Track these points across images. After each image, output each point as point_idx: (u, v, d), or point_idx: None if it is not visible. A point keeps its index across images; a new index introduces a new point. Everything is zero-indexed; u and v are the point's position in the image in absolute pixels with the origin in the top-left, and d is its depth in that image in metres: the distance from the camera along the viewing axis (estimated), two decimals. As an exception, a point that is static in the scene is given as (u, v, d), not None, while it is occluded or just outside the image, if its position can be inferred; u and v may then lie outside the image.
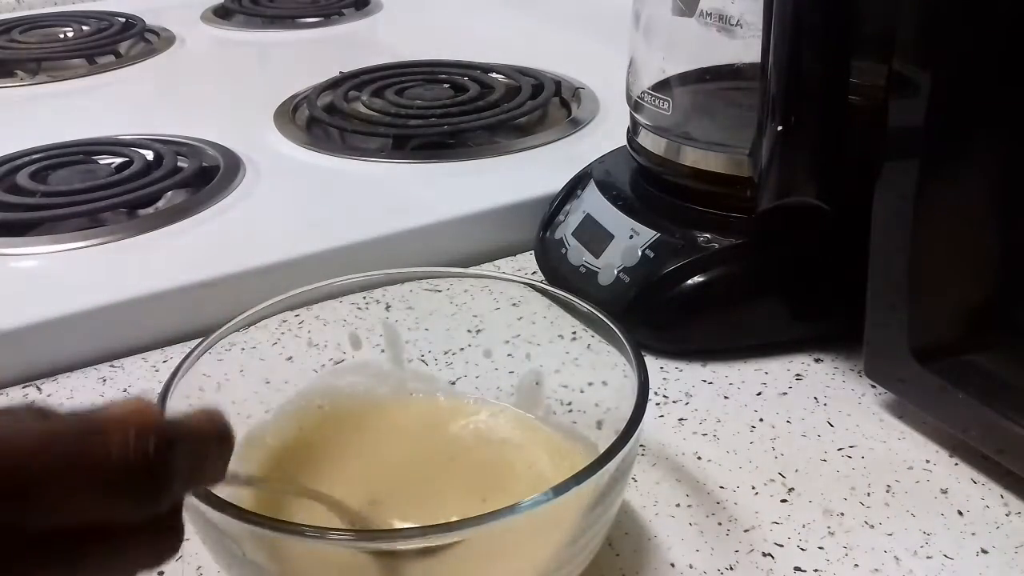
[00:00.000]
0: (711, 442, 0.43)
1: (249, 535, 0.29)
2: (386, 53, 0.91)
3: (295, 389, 0.40)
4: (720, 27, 0.48)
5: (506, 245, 0.59)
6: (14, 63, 0.93)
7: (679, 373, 0.47)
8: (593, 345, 0.38)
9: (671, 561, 0.36)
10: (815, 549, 0.37)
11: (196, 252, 0.55)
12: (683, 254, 0.48)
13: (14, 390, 0.48)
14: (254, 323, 0.38)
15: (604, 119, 0.73)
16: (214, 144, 0.69)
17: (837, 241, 0.45)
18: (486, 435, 0.40)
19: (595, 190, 0.54)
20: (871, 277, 0.41)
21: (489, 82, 0.80)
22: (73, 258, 0.55)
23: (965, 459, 0.41)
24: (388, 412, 0.41)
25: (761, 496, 0.40)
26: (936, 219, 0.39)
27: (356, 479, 0.37)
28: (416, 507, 0.35)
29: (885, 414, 0.44)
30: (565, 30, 0.98)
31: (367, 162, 0.67)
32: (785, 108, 0.41)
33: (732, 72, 0.50)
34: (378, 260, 0.55)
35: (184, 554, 0.37)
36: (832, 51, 0.41)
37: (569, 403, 0.40)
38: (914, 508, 0.39)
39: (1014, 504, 0.39)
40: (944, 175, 0.38)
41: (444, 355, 0.42)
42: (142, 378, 0.49)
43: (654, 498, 0.40)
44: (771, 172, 0.43)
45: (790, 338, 0.49)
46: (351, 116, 0.74)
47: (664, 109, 0.50)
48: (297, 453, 0.38)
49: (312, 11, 1.09)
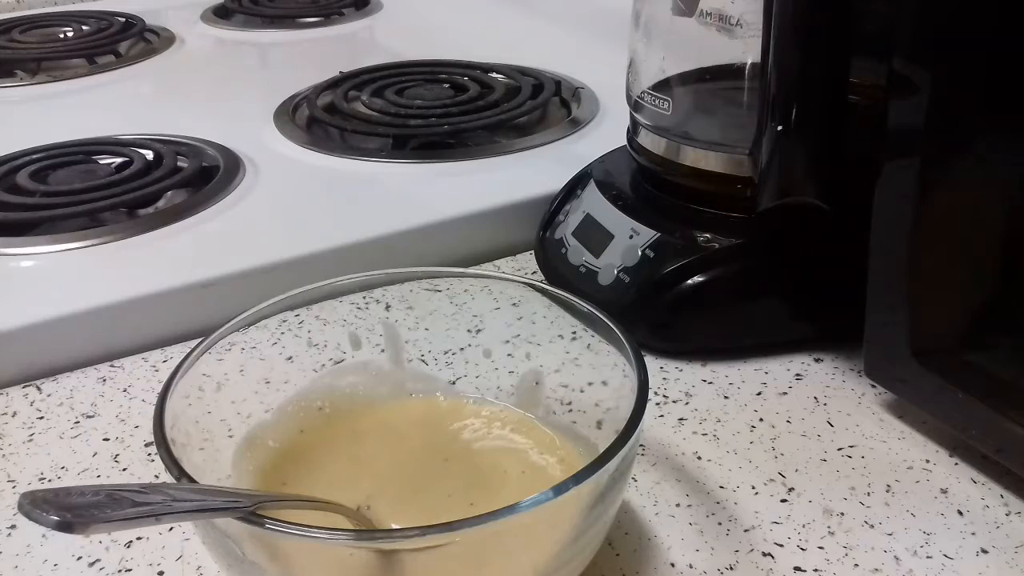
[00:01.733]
0: (711, 442, 0.43)
1: (249, 535, 0.29)
2: (386, 53, 0.91)
3: (295, 389, 0.40)
4: (720, 27, 0.48)
5: (506, 245, 0.59)
6: (14, 63, 0.93)
7: (679, 373, 0.47)
8: (593, 345, 0.38)
9: (671, 561, 0.36)
10: (815, 549, 0.37)
11: (196, 252, 0.55)
12: (683, 254, 0.48)
13: (14, 390, 0.48)
14: (254, 323, 0.38)
15: (604, 119, 0.73)
16: (214, 144, 0.69)
17: (837, 241, 0.45)
18: (485, 436, 0.40)
19: (595, 190, 0.54)
20: (871, 277, 0.41)
21: (489, 82, 0.80)
22: (73, 258, 0.55)
23: (965, 459, 0.41)
24: (387, 412, 0.41)
25: (761, 496, 0.40)
26: (936, 219, 0.39)
27: (353, 479, 0.37)
28: (407, 508, 0.35)
29: (885, 414, 0.44)
30: (565, 30, 0.98)
31: (367, 162, 0.67)
32: (785, 108, 0.41)
33: (732, 72, 0.50)
34: (378, 260, 0.55)
35: (184, 554, 0.37)
36: (832, 51, 0.41)
37: (569, 403, 0.40)
38: (914, 508, 0.39)
39: (1014, 504, 0.39)
40: (944, 175, 0.38)
41: (444, 355, 0.42)
42: (142, 378, 0.49)
43: (654, 498, 0.40)
44: (771, 172, 0.43)
45: (790, 338, 0.49)
46: (351, 116, 0.74)
47: (664, 109, 0.50)
48: (296, 453, 0.38)
49: (312, 11, 1.09)
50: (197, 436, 0.35)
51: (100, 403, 0.47)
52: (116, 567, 0.37)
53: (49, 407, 0.47)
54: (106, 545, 0.38)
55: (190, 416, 0.35)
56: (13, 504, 0.40)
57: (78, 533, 0.25)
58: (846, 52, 0.41)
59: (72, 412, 0.46)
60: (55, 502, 0.24)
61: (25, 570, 0.37)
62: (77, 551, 0.38)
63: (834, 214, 0.43)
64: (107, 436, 0.45)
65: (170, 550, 0.38)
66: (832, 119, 0.42)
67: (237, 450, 0.37)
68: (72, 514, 0.24)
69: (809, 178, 0.43)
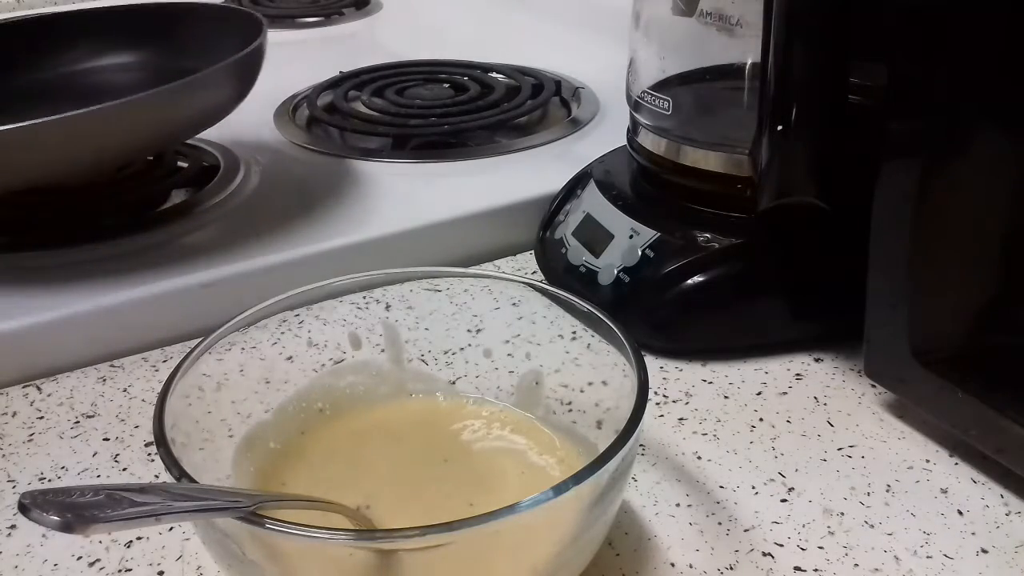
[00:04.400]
0: (711, 442, 0.43)
1: (249, 535, 0.29)
2: (386, 53, 0.91)
3: (295, 389, 0.40)
4: (720, 27, 0.48)
5: (506, 245, 0.59)
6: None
7: (679, 373, 0.47)
8: (593, 345, 0.38)
9: (671, 561, 0.36)
10: (815, 549, 0.37)
11: (196, 252, 0.55)
12: (683, 254, 0.48)
13: (14, 390, 0.48)
14: (254, 323, 0.38)
15: (604, 119, 0.73)
16: (214, 144, 0.69)
17: (837, 241, 0.45)
18: (485, 436, 0.40)
19: (595, 190, 0.54)
20: (871, 277, 0.41)
21: (489, 82, 0.80)
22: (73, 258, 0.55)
23: (965, 459, 0.41)
24: (387, 412, 0.41)
25: (761, 496, 0.40)
26: (936, 219, 0.39)
27: (353, 480, 0.37)
28: (407, 509, 0.35)
29: (885, 414, 0.44)
30: (565, 30, 0.98)
31: (367, 162, 0.67)
32: (785, 108, 0.41)
33: (732, 72, 0.50)
34: (378, 260, 0.55)
35: (184, 554, 0.37)
36: (832, 51, 0.41)
37: (569, 403, 0.40)
38: (914, 508, 0.39)
39: (1014, 504, 0.39)
40: (944, 175, 0.38)
41: (444, 355, 0.42)
42: (142, 378, 0.49)
43: (654, 498, 0.40)
44: (771, 172, 0.43)
45: (790, 338, 0.49)
46: (351, 116, 0.74)
47: (664, 109, 0.50)
48: (296, 454, 0.38)
49: (312, 11, 1.09)
50: (197, 436, 0.35)
51: (100, 403, 0.47)
52: (116, 567, 0.37)
53: (49, 407, 0.47)
54: (106, 545, 0.38)
55: (190, 416, 0.35)
56: (13, 504, 0.40)
57: (78, 533, 0.25)
58: (846, 52, 0.41)
59: (72, 412, 0.46)
60: (55, 502, 0.24)
61: (25, 570, 0.37)
62: (77, 551, 0.38)
63: (834, 214, 0.43)
64: (107, 436, 0.45)
65: (170, 550, 0.38)
66: (832, 119, 0.42)
67: (237, 450, 0.37)
68: (72, 514, 0.24)
69: (809, 178, 0.43)
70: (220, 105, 0.56)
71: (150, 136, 0.54)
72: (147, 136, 0.53)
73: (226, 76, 0.54)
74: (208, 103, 0.55)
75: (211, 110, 0.56)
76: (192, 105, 0.54)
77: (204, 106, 0.55)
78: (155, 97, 0.51)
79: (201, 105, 0.54)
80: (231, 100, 0.57)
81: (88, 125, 0.49)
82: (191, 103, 0.54)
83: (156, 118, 0.52)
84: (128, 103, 0.49)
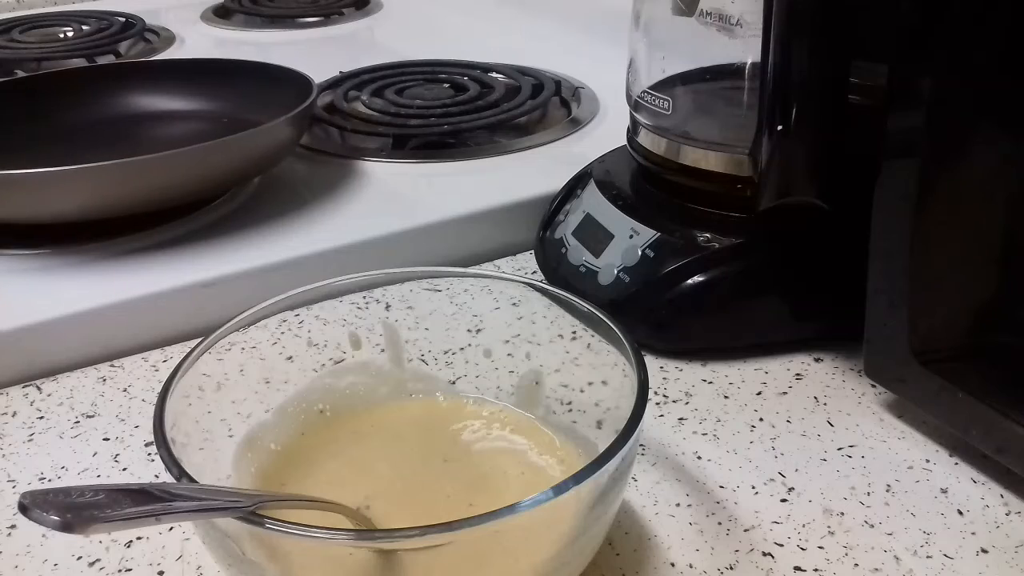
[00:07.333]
0: (711, 442, 0.43)
1: (249, 535, 0.29)
2: (386, 53, 0.91)
3: (295, 389, 0.40)
4: (720, 27, 0.48)
5: (506, 245, 0.59)
6: (14, 63, 0.93)
7: (679, 373, 0.47)
8: (593, 345, 0.38)
9: (671, 561, 0.36)
10: (815, 549, 0.37)
11: (196, 252, 0.55)
12: (683, 254, 0.48)
13: (14, 390, 0.48)
14: (254, 323, 0.38)
15: (604, 119, 0.74)
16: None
17: (837, 241, 0.45)
18: (484, 436, 0.40)
19: (595, 190, 0.54)
20: (871, 277, 0.41)
21: (489, 82, 0.80)
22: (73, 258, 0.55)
23: (965, 459, 0.41)
24: (387, 412, 0.41)
25: (761, 496, 0.40)
26: (936, 219, 0.39)
27: (353, 480, 0.37)
28: (407, 509, 0.35)
29: (885, 414, 0.44)
30: (565, 30, 0.98)
31: (367, 162, 0.67)
32: (785, 108, 0.41)
33: (732, 72, 0.50)
34: (378, 260, 0.55)
35: (184, 554, 0.38)
36: (832, 51, 0.41)
37: (569, 403, 0.40)
38: (914, 508, 0.39)
39: (1014, 504, 0.39)
40: (944, 175, 0.38)
41: (444, 355, 0.42)
42: (142, 378, 0.49)
43: (654, 498, 0.40)
44: (771, 172, 0.43)
45: (790, 338, 0.49)
46: (351, 116, 0.74)
47: (664, 109, 0.50)
48: (297, 454, 0.38)
49: (312, 11, 1.09)
50: (197, 436, 0.35)
51: (100, 403, 0.47)
52: (116, 567, 0.37)
53: (49, 407, 0.47)
54: (106, 545, 0.38)
55: (190, 416, 0.35)
56: (13, 504, 0.40)
57: (78, 533, 0.25)
58: (846, 52, 0.41)
59: (72, 412, 0.46)
60: (55, 502, 0.24)
61: (25, 570, 0.37)
62: (77, 551, 0.38)
63: (834, 214, 0.43)
64: (107, 436, 0.45)
65: (170, 550, 0.38)
66: (832, 119, 0.42)
67: (237, 451, 0.37)
68: (72, 514, 0.24)
69: (809, 178, 0.43)
70: (281, 149, 0.63)
71: (224, 174, 0.60)
72: (221, 174, 0.59)
73: (286, 126, 0.61)
74: (270, 148, 0.61)
75: (273, 155, 0.62)
76: (257, 148, 0.60)
77: (267, 152, 0.61)
78: (232, 141, 0.57)
79: (263, 151, 0.61)
80: (288, 146, 0.63)
81: (173, 163, 0.55)
82: (256, 147, 0.60)
83: (228, 158, 0.58)
84: (208, 147, 0.56)
